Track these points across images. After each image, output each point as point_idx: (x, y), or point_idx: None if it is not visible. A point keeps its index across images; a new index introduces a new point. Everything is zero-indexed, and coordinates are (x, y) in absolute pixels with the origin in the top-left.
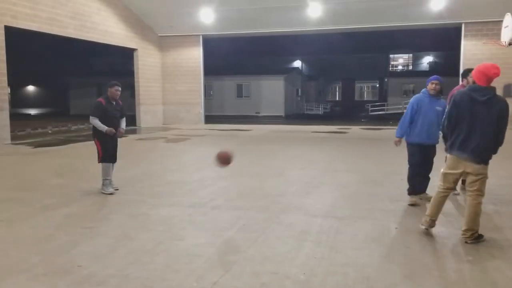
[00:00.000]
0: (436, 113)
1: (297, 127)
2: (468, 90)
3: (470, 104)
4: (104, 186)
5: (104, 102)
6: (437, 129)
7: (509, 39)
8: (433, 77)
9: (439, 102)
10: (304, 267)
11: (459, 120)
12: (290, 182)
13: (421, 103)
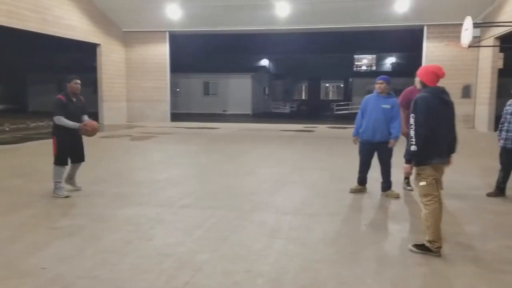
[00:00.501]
0: (382, 111)
1: (265, 126)
2: (437, 92)
3: (442, 107)
4: (57, 189)
5: (64, 99)
6: (384, 127)
7: (469, 42)
8: (379, 77)
9: (387, 100)
10: (276, 264)
11: (436, 126)
12: (260, 180)
13: (367, 102)
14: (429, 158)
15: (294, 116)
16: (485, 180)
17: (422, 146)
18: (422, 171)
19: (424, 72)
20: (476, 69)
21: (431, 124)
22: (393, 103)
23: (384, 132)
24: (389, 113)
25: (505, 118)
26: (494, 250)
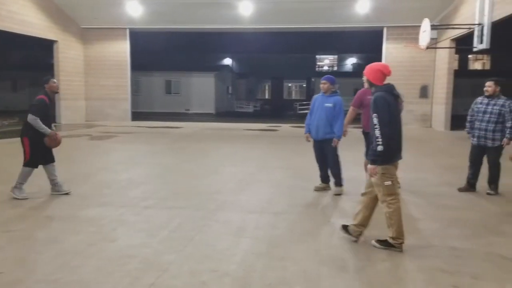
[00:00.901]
0: (324, 109)
1: (228, 125)
2: (391, 89)
3: (395, 104)
4: (17, 189)
5: (47, 100)
6: (326, 125)
7: (426, 43)
8: (323, 77)
9: (330, 99)
10: (243, 263)
11: (395, 124)
12: (225, 179)
13: (314, 101)
14: (393, 157)
15: (258, 116)
16: (443, 177)
17: (388, 145)
18: (387, 171)
19: (370, 71)
20: (433, 70)
21: (392, 122)
22: (335, 101)
23: (326, 130)
24: (331, 112)
25: (474, 116)
26: (453, 245)
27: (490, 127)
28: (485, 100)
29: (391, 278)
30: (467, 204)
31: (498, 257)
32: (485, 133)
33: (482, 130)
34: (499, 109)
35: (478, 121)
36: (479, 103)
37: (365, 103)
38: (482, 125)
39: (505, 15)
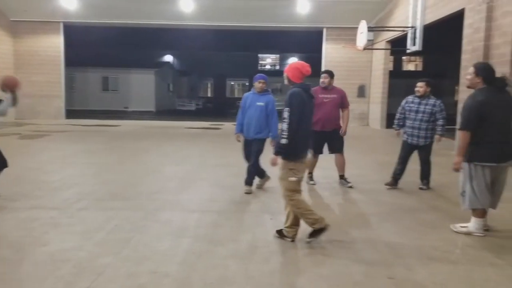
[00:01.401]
0: (256, 109)
1: (169, 123)
2: (307, 88)
3: (309, 103)
4: None
5: None
6: (257, 125)
7: (363, 44)
8: (260, 76)
9: (262, 98)
10: (184, 263)
11: (306, 121)
12: (165, 178)
13: (245, 100)
14: (299, 153)
15: (200, 114)
16: (380, 173)
17: (292, 140)
18: (295, 167)
19: (290, 68)
20: (370, 70)
21: (303, 119)
22: (268, 100)
23: (257, 129)
24: (264, 111)
25: (404, 114)
26: (388, 239)
27: (423, 126)
28: (416, 100)
29: (328, 274)
30: (400, 200)
31: (430, 249)
32: (418, 132)
33: (415, 129)
34: (430, 108)
35: (410, 120)
36: (411, 102)
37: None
38: (415, 124)
39: (436, 18)
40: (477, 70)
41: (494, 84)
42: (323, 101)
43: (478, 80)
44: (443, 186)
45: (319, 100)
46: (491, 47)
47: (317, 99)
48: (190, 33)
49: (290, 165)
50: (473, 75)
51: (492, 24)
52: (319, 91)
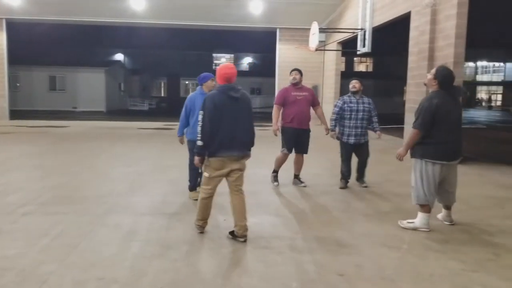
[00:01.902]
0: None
1: (121, 123)
2: (225, 89)
3: (229, 103)
4: None
5: None
6: None
7: (315, 45)
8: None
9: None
10: (133, 268)
11: (222, 121)
12: (115, 181)
13: (194, 101)
14: (216, 152)
15: (153, 114)
16: (333, 172)
17: (207, 141)
18: (209, 164)
19: (217, 70)
20: (323, 71)
21: (217, 120)
22: None
23: None
24: None
25: (340, 114)
26: (338, 236)
27: (364, 125)
28: (353, 99)
29: (280, 273)
30: (349, 198)
31: (379, 245)
32: (361, 130)
33: (358, 128)
34: (368, 106)
35: (351, 120)
36: (349, 102)
37: (288, 101)
38: (357, 124)
39: (384, 21)
40: (436, 72)
41: (448, 90)
42: (296, 99)
43: (434, 83)
44: (393, 182)
45: (292, 98)
46: (436, 49)
47: (290, 97)
48: (142, 32)
49: (206, 161)
50: (432, 76)
51: (436, 27)
52: (291, 89)
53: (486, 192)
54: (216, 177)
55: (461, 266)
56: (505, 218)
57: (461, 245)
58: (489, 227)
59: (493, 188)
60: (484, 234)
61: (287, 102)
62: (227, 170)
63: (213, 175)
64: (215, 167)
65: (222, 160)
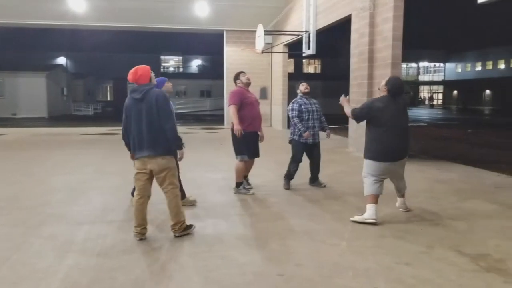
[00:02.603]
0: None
1: (63, 130)
2: (130, 91)
3: (133, 104)
4: None
5: None
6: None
7: (261, 47)
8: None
9: None
10: (67, 280)
11: (129, 123)
12: (54, 189)
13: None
14: (134, 152)
15: (99, 119)
16: (279, 172)
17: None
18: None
19: None
20: (270, 73)
21: (127, 122)
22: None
23: None
24: None
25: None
26: (279, 233)
27: (318, 124)
28: (306, 100)
29: (221, 276)
30: (296, 197)
31: (319, 243)
32: (317, 130)
33: (315, 128)
34: (318, 107)
35: (310, 120)
36: (305, 103)
37: (245, 102)
38: (315, 123)
39: (327, 23)
40: (388, 81)
41: (395, 98)
42: (252, 101)
43: (384, 89)
44: (342, 180)
45: (249, 99)
46: (375, 50)
47: (247, 98)
48: (85, 34)
49: None
50: (384, 83)
51: (375, 29)
52: (247, 92)
53: (424, 187)
54: (139, 178)
55: (395, 260)
56: (440, 212)
57: (397, 239)
58: (424, 221)
59: (430, 183)
60: (418, 227)
61: (245, 104)
62: (147, 171)
63: (136, 176)
64: (137, 167)
65: (142, 160)
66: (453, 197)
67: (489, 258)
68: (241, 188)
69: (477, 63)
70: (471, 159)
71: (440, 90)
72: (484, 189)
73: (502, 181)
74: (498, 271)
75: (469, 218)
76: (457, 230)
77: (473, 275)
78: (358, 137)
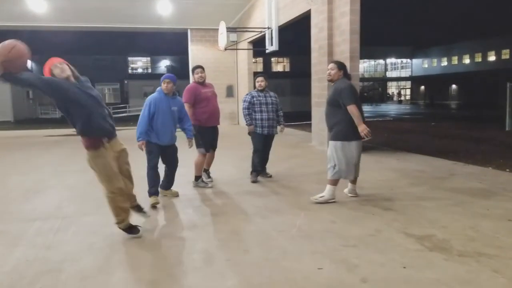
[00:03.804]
0: (171, 114)
1: (27, 132)
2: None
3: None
4: None
5: None
6: (173, 130)
7: (224, 45)
8: (166, 76)
9: (175, 102)
10: (13, 272)
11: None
12: (7, 189)
13: (156, 104)
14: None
15: (65, 121)
16: (241, 166)
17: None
18: None
19: None
20: (236, 71)
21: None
22: (180, 104)
23: (173, 135)
24: (175, 116)
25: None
26: (256, 222)
27: (274, 116)
28: (260, 94)
29: (169, 261)
30: (255, 190)
31: (271, 231)
32: (272, 122)
33: (270, 120)
34: (275, 100)
35: (263, 112)
36: (258, 96)
37: (199, 98)
38: (270, 116)
39: (289, 19)
40: (338, 64)
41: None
42: (207, 96)
43: (340, 73)
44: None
45: (204, 95)
46: (334, 44)
47: (201, 94)
48: (48, 36)
49: None
50: (336, 70)
51: (333, 23)
52: (200, 87)
53: (380, 176)
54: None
55: (342, 243)
56: (392, 197)
57: (347, 223)
58: (377, 207)
59: (387, 172)
60: (370, 212)
61: (199, 100)
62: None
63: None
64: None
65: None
66: (407, 184)
67: (434, 238)
68: (200, 181)
69: (442, 58)
70: (431, 149)
71: (408, 86)
72: (439, 176)
73: (458, 168)
74: (440, 249)
75: (419, 203)
76: (407, 214)
77: (416, 254)
78: (319, 131)
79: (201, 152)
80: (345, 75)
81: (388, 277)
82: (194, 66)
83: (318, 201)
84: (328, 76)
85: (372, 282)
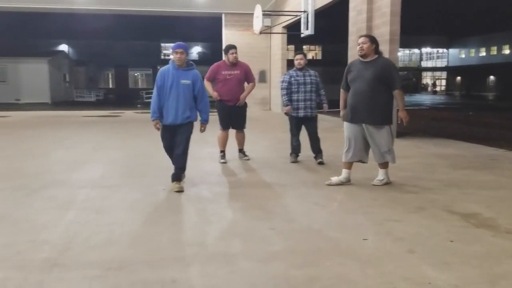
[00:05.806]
0: (182, 88)
1: (65, 112)
2: None
3: None
4: None
5: None
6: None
7: (259, 28)
8: (176, 45)
9: (187, 74)
10: (66, 232)
11: None
12: (54, 161)
13: (164, 77)
14: None
15: (101, 104)
16: (276, 147)
17: None
18: None
19: None
20: (269, 56)
21: None
22: (194, 77)
23: (185, 114)
24: (190, 91)
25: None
26: (279, 199)
27: (313, 97)
28: (299, 73)
29: (215, 229)
30: (292, 169)
31: (312, 204)
32: (310, 103)
33: (307, 101)
34: (315, 79)
35: (300, 93)
36: (296, 76)
37: (218, 79)
38: (306, 96)
39: (326, 3)
40: (371, 39)
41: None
42: (226, 78)
43: (372, 48)
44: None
45: (222, 76)
46: (373, 27)
47: (220, 75)
48: (86, 20)
49: None
50: (369, 43)
51: (373, 6)
52: (223, 67)
53: (421, 160)
54: None
55: (385, 218)
56: (433, 180)
57: (389, 201)
58: (417, 187)
59: (427, 156)
60: (411, 192)
61: (217, 80)
62: None
63: None
64: None
65: None
66: (448, 167)
67: (479, 216)
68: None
69: (481, 48)
70: (470, 137)
71: (444, 77)
72: (480, 161)
73: (499, 154)
74: (487, 227)
75: (462, 184)
76: (449, 194)
77: (462, 230)
78: None
79: (219, 128)
80: (376, 51)
81: (435, 249)
82: (228, 46)
83: (377, 184)
84: (361, 51)
85: (420, 253)
